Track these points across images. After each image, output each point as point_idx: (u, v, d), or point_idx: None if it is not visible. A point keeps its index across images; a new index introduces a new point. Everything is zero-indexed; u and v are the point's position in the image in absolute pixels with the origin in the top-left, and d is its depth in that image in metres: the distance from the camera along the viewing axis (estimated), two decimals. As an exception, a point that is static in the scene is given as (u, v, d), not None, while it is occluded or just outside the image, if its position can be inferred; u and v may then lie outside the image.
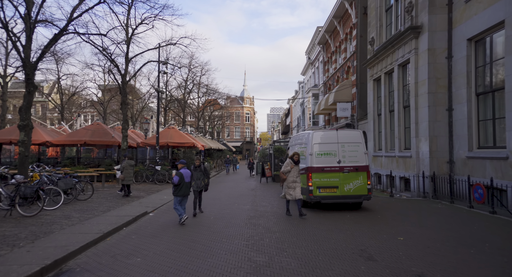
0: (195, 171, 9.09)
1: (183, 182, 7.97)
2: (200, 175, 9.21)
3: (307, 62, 36.67)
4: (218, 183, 19.34)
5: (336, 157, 9.46)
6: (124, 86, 17.07)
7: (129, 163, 12.11)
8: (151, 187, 15.51)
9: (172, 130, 19.17)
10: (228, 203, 11.51)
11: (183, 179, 7.97)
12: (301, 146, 10.71)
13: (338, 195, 9.29)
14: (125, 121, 17.31)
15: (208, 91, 37.96)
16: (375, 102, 16.64)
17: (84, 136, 17.33)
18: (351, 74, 20.85)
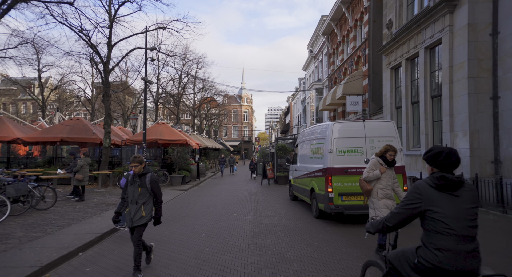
0: (131, 186, 4.58)
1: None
2: (140, 194, 4.51)
3: (309, 56, 34.62)
4: (214, 186, 17.25)
5: (363, 155, 7.40)
6: (106, 75, 14.94)
7: (87, 161, 10.03)
8: (136, 191, 13.39)
9: (162, 126, 17.06)
10: (225, 212, 9.44)
11: None
12: (315, 142, 8.64)
13: (366, 205, 7.21)
14: (107, 115, 15.18)
15: (204, 87, 35.81)
16: (392, 93, 14.60)
17: (60, 132, 15.18)
18: (362, 64, 18.83)
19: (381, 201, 5.16)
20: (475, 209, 2.24)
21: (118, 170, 15.10)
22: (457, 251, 2.14)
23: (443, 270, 2.13)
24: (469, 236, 2.20)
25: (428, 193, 2.24)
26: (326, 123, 8.11)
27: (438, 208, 2.19)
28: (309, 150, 9.21)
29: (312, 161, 8.70)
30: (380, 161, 5.32)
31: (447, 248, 2.14)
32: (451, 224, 2.16)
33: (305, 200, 9.73)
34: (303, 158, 9.97)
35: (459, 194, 2.22)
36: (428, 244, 2.23)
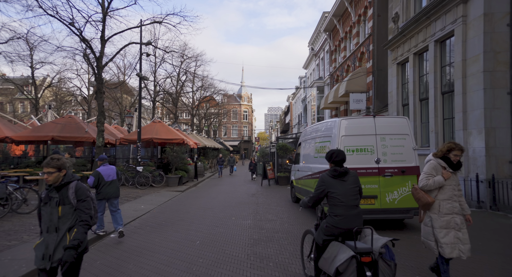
0: (45, 206, 3.00)
1: (103, 182, 6.42)
2: (61, 217, 2.96)
3: (310, 54, 33.97)
4: (213, 187, 16.59)
5: (373, 154, 6.74)
6: (99, 71, 14.27)
7: (71, 161, 9.37)
8: (129, 192, 12.73)
9: (158, 124, 16.39)
10: (222, 215, 8.78)
11: (102, 179, 6.42)
12: (320, 140, 7.98)
13: (377, 209, 6.57)
14: (100, 113, 14.50)
15: (203, 85, 35.15)
16: (399, 90, 13.95)
17: (51, 131, 14.51)
18: (366, 60, 18.17)
19: (445, 217, 3.71)
20: (356, 188, 3.52)
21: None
22: (347, 215, 3.35)
23: (339, 228, 3.35)
24: (354, 205, 3.42)
25: (328, 181, 3.53)
26: (332, 119, 7.46)
27: (334, 189, 3.45)
28: (313, 149, 8.55)
29: (317, 161, 8.05)
30: (442, 164, 3.85)
31: (341, 214, 3.36)
32: (342, 198, 3.39)
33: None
34: (306, 157, 9.32)
35: (346, 180, 3.51)
36: (330, 213, 3.44)
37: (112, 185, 6.50)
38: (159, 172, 14.91)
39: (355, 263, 2.98)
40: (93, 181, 6.41)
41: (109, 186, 6.42)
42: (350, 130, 6.90)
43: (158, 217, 8.58)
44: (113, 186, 6.51)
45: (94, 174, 6.48)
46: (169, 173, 15.45)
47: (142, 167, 14.24)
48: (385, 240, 3.15)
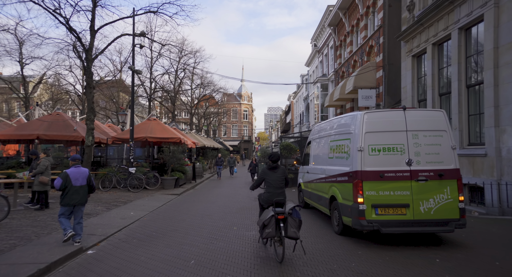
0: None
1: (70, 186, 5.53)
2: None
3: (313, 50, 32.85)
4: (212, 189, 15.47)
5: (403, 154, 5.63)
6: (89, 64, 13.15)
7: (50, 160, 8.27)
8: (120, 196, 11.59)
9: (153, 122, 15.26)
10: (222, 224, 7.65)
11: (70, 182, 5.53)
12: (337, 138, 6.85)
13: (409, 220, 5.45)
14: (90, 109, 13.38)
15: (202, 83, 34.02)
16: (414, 85, 12.84)
17: (37, 129, 13.38)
18: (375, 54, 17.07)
19: None
20: (282, 177, 5.46)
21: (102, 171, 13.31)
22: (274, 192, 5.31)
23: (270, 200, 5.25)
24: (280, 187, 5.41)
25: (266, 171, 5.50)
26: (352, 113, 6.34)
27: (268, 177, 5.44)
28: (327, 148, 7.43)
29: (333, 162, 6.93)
30: None
31: (271, 192, 5.33)
32: (272, 183, 5.38)
33: (320, 209, 7.95)
34: (318, 158, 8.19)
35: (276, 171, 5.47)
36: (265, 190, 5.43)
37: (80, 191, 5.66)
38: (153, 174, 13.79)
39: (274, 219, 4.87)
40: (60, 184, 5.49)
41: (76, 192, 5.59)
42: (375, 126, 5.78)
43: (148, 226, 7.45)
44: (81, 192, 5.67)
45: (61, 176, 5.58)
46: (165, 175, 14.33)
47: (135, 168, 13.11)
48: (292, 205, 5.12)
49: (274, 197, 5.24)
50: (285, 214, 4.88)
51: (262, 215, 5.21)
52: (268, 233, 4.84)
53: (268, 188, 5.40)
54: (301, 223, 5.01)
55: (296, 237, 4.79)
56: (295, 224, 4.86)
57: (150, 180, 13.66)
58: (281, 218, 4.84)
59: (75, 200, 5.56)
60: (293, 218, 4.90)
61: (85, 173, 5.82)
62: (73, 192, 5.55)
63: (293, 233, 4.78)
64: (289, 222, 4.82)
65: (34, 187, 8.45)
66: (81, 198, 5.66)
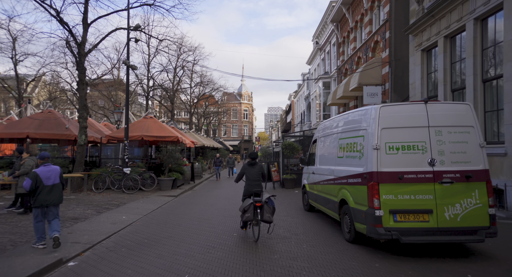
0: None
1: (41, 186, 5.21)
2: None
3: (315, 48, 32.21)
4: (211, 190, 14.82)
5: (425, 153, 4.99)
6: (81, 59, 12.52)
7: (35, 160, 7.64)
8: (113, 198, 10.96)
9: (149, 120, 14.61)
10: (221, 230, 7.02)
11: (41, 182, 5.21)
12: (348, 136, 6.21)
13: (432, 228, 4.82)
14: (82, 107, 12.75)
15: (202, 82, 33.38)
16: (423, 80, 12.20)
17: (27, 127, 12.75)
18: (381, 50, 16.43)
19: None
20: (259, 172, 6.44)
21: (95, 172, 12.67)
22: (252, 184, 6.35)
23: (249, 190, 6.32)
24: (256, 180, 6.38)
25: (246, 167, 6.55)
26: (365, 107, 5.69)
27: (247, 172, 6.49)
28: (335, 147, 6.79)
29: (343, 162, 6.29)
30: None
31: (249, 184, 6.40)
32: (250, 176, 6.42)
33: (328, 214, 7.32)
34: (325, 158, 7.56)
35: (254, 167, 6.48)
36: (245, 182, 6.52)
37: (54, 190, 5.34)
38: (149, 174, 13.14)
39: (253, 206, 5.95)
40: (30, 185, 5.08)
41: (49, 192, 5.27)
42: (393, 121, 5.14)
43: (140, 232, 6.82)
44: (55, 192, 5.35)
45: (30, 176, 5.16)
46: (162, 175, 13.69)
47: (130, 169, 12.46)
48: (268, 195, 6.20)
49: (252, 188, 6.36)
50: (262, 202, 5.95)
51: (243, 203, 6.25)
52: (247, 217, 6.00)
53: (247, 181, 6.54)
54: (274, 210, 6.19)
55: (270, 221, 5.97)
56: (270, 211, 6.02)
57: (146, 181, 13.02)
58: (258, 205, 5.93)
59: (50, 200, 5.25)
60: (268, 205, 6.04)
61: (57, 170, 5.51)
62: (46, 192, 5.22)
63: (268, 218, 5.94)
64: (265, 209, 5.95)
65: (18, 190, 7.82)
66: (56, 197, 5.36)
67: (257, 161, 6.76)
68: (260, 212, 5.88)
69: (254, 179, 6.42)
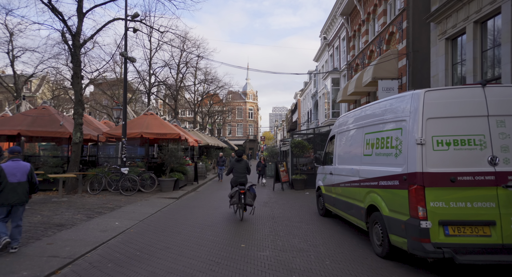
0: None
1: (5, 182, 4.80)
2: None
3: (322, 44, 31.12)
4: (215, 192, 13.87)
5: (484, 149, 3.98)
6: (76, 51, 11.65)
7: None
8: (109, 200, 10.05)
9: (150, 117, 13.70)
10: (227, 239, 6.05)
11: (5, 178, 4.81)
12: (375, 130, 5.21)
13: (495, 245, 3.80)
14: (77, 102, 11.89)
15: (206, 79, 32.49)
16: (448, 72, 11.12)
17: (19, 124, 11.92)
18: (397, 41, 15.34)
19: None
20: (244, 167, 8.05)
21: (91, 172, 11.78)
22: (238, 176, 7.97)
23: (237, 182, 7.90)
24: (242, 173, 8.00)
25: (234, 162, 8.20)
26: (403, 93, 4.68)
27: (235, 166, 8.09)
28: (360, 142, 5.80)
29: (371, 160, 5.29)
30: None
31: (235, 176, 8.04)
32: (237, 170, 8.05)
33: (350, 220, 6.31)
34: (346, 156, 6.56)
35: (240, 163, 8.11)
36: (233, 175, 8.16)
37: (18, 188, 4.94)
38: (149, 175, 12.23)
39: (238, 193, 7.42)
40: None
41: (13, 190, 4.88)
42: (441, 109, 4.13)
43: (133, 242, 5.88)
44: (19, 190, 4.95)
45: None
46: (163, 176, 12.77)
47: (128, 169, 11.56)
48: (249, 184, 7.85)
49: (238, 179, 7.98)
50: (245, 190, 7.55)
51: (231, 191, 7.80)
52: (233, 201, 7.52)
53: (235, 173, 8.13)
54: (255, 196, 7.79)
55: (251, 204, 7.58)
56: (251, 196, 7.63)
57: (145, 181, 12.11)
58: (242, 192, 7.52)
59: (13, 199, 4.85)
60: (250, 192, 7.66)
61: (26, 167, 5.09)
62: (9, 190, 4.83)
63: (250, 202, 7.54)
64: (247, 195, 7.58)
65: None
66: (20, 196, 4.95)
67: (243, 158, 8.32)
68: (244, 198, 7.58)
69: (240, 172, 8.09)
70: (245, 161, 8.18)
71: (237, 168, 8.10)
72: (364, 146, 5.61)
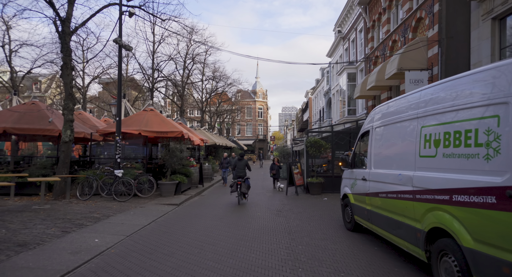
0: None
1: None
2: None
3: (336, 38, 29.39)
4: (221, 196, 12.43)
5: None
6: (65, 38, 10.37)
7: None
8: (97, 208, 8.70)
9: (150, 113, 12.35)
10: (233, 265, 4.57)
11: None
12: (445, 120, 3.65)
13: None
14: (68, 96, 10.62)
15: (215, 76, 31.15)
16: (494, 58, 9.44)
17: (5, 121, 10.72)
18: (426, 28, 13.63)
19: None
20: (244, 164, 10.85)
21: (82, 175, 10.48)
22: (239, 171, 10.73)
23: (237, 175, 10.65)
24: (242, 169, 10.78)
25: (236, 161, 11.05)
26: (501, 63, 3.12)
27: (237, 164, 10.88)
28: (413, 138, 4.26)
29: (436, 163, 3.75)
30: None
31: (237, 171, 10.74)
32: (238, 167, 10.80)
33: (395, 242, 4.75)
34: (389, 157, 5.03)
35: (241, 161, 10.93)
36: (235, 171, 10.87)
37: None
38: (147, 177, 10.87)
39: (236, 184, 10.30)
40: None
41: None
42: None
43: (109, 271, 4.46)
44: None
45: None
46: (163, 178, 11.41)
47: (123, 171, 10.22)
48: (246, 178, 10.62)
49: (238, 173, 10.64)
50: (241, 182, 10.31)
51: (232, 182, 10.56)
52: (232, 189, 10.33)
53: (236, 169, 10.77)
54: (249, 187, 10.67)
55: (245, 192, 10.26)
56: (246, 186, 10.34)
57: (143, 185, 10.76)
58: (239, 183, 10.26)
59: None
60: (245, 184, 10.40)
61: None
62: None
63: (244, 190, 10.21)
64: (243, 185, 10.26)
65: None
66: None
67: (243, 158, 11.05)
68: (240, 187, 10.15)
69: (240, 168, 10.67)
70: (245, 160, 10.97)
71: (238, 165, 10.82)
72: (421, 144, 4.07)
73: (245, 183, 10.30)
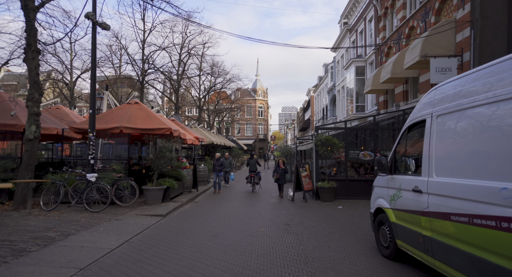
0: None
1: None
2: None
3: (342, 30, 27.59)
4: (217, 203, 10.65)
5: None
6: (29, 15, 8.61)
7: None
8: (60, 222, 6.92)
9: (134, 106, 10.56)
10: None
11: None
12: None
13: None
14: (32, 85, 8.84)
15: (213, 72, 29.38)
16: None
17: (-43, 114, 8.94)
18: (454, 8, 11.87)
19: None
20: (255, 162, 14.21)
21: (46, 180, 8.68)
22: (252, 167, 14.11)
23: (251, 170, 14.03)
24: (254, 165, 14.13)
25: (249, 159, 14.46)
26: None
27: (250, 162, 14.31)
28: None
29: None
30: None
31: (250, 167, 14.19)
32: (251, 164, 14.19)
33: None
34: (475, 162, 3.23)
35: (252, 159, 14.37)
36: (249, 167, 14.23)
37: None
38: (128, 182, 9.08)
39: (250, 176, 13.75)
40: None
41: None
42: None
43: None
44: None
45: None
46: (149, 183, 9.63)
47: (97, 175, 8.44)
48: (258, 171, 14.05)
49: (252, 168, 13.86)
50: (254, 174, 13.56)
51: (247, 175, 13.83)
52: (248, 180, 13.67)
53: (250, 165, 13.97)
54: (260, 178, 13.77)
55: (258, 182, 13.54)
56: (258, 178, 13.52)
57: (123, 191, 8.98)
58: (252, 176, 13.51)
59: None
60: (257, 176, 13.56)
61: None
62: None
63: (257, 181, 13.50)
64: (255, 177, 13.51)
65: None
66: None
67: (254, 157, 14.61)
68: (253, 179, 13.54)
69: (253, 165, 13.99)
70: (255, 158, 14.20)
71: (251, 163, 13.95)
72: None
73: (257, 176, 13.46)
